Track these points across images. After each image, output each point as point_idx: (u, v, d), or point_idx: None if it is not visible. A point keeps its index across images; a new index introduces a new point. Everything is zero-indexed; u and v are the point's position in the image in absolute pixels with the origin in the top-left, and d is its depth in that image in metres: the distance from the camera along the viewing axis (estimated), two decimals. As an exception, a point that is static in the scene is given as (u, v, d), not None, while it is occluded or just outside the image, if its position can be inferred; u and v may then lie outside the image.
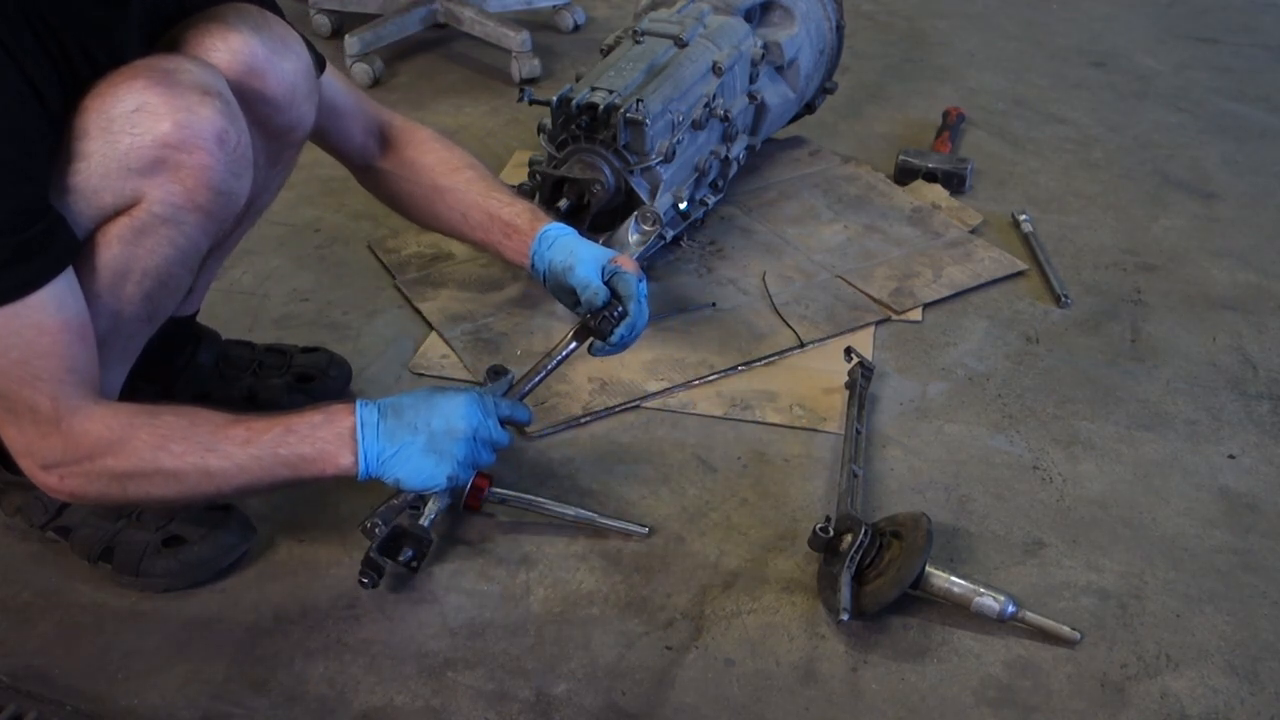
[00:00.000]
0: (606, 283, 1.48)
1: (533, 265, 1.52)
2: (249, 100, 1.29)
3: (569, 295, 1.51)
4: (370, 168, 1.60)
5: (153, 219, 1.20)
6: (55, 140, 1.15)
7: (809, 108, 2.47)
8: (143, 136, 1.16)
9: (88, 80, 1.18)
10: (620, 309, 1.45)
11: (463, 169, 1.57)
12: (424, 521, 1.41)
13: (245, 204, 1.31)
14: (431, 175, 1.57)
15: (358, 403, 1.27)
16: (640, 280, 1.49)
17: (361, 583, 1.36)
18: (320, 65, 1.47)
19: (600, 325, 1.44)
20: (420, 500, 1.43)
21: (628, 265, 1.50)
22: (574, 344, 1.47)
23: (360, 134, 1.57)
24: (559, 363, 1.48)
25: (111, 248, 1.21)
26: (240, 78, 1.29)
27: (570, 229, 1.54)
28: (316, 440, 1.24)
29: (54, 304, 1.14)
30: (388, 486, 1.30)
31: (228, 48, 1.29)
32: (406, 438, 1.27)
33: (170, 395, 1.60)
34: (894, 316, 1.95)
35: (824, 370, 1.80)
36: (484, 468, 1.38)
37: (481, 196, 1.55)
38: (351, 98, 1.55)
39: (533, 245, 1.52)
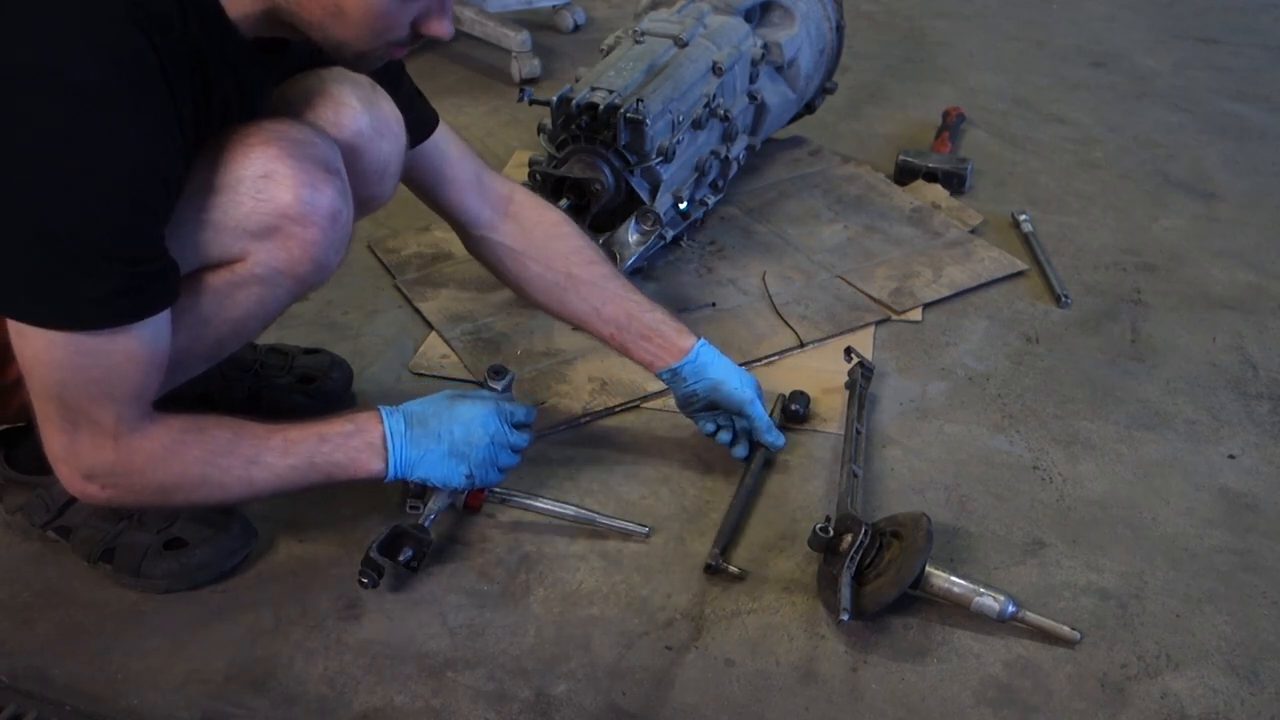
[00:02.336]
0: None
1: (677, 374, 1.54)
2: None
3: (708, 412, 1.58)
4: (485, 238, 1.58)
5: (251, 278, 1.24)
6: (184, 184, 1.18)
7: (809, 108, 2.47)
8: (266, 203, 1.20)
9: (218, 127, 1.21)
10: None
11: (599, 262, 1.57)
12: (424, 521, 1.41)
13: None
14: (566, 263, 1.55)
15: (383, 411, 1.34)
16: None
17: (361, 583, 1.37)
18: (433, 123, 1.50)
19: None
20: (420, 500, 1.44)
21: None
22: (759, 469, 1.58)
23: (474, 201, 1.55)
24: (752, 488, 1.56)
25: (205, 295, 1.24)
26: (341, 149, 1.31)
27: (710, 346, 1.56)
28: (349, 449, 1.31)
29: (149, 336, 1.16)
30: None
31: (335, 121, 1.33)
32: (431, 445, 1.34)
33: (170, 395, 1.60)
34: (894, 316, 1.95)
35: (824, 370, 1.80)
36: (506, 468, 1.42)
37: (620, 294, 1.55)
38: (467, 163, 1.54)
39: (686, 359, 1.54)
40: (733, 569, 1.43)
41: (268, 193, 1.20)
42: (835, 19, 2.37)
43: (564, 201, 1.90)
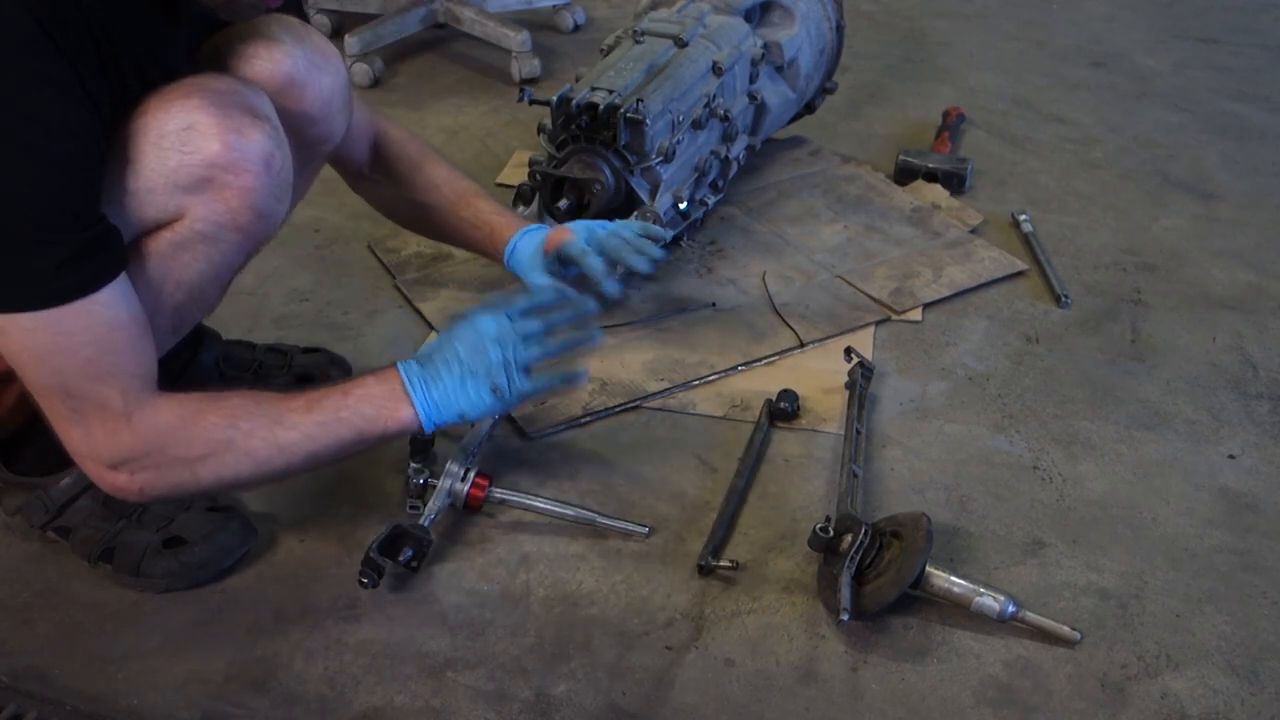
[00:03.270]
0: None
1: (512, 254, 1.70)
2: (285, 112, 1.31)
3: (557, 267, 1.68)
4: (363, 176, 1.65)
5: (193, 235, 1.22)
6: (107, 150, 1.16)
7: (809, 108, 2.47)
8: (192, 155, 1.18)
9: (137, 94, 1.20)
10: None
11: (443, 186, 1.66)
12: (424, 521, 1.41)
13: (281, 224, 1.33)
14: (417, 193, 1.64)
15: (399, 363, 1.31)
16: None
17: (361, 583, 1.36)
18: None
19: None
20: (420, 500, 1.44)
21: (565, 234, 1.68)
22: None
23: (364, 148, 1.61)
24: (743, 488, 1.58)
25: (149, 260, 1.22)
26: (279, 89, 1.31)
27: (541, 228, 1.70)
28: (374, 399, 1.28)
29: (121, 299, 1.15)
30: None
31: (270, 58, 1.31)
32: (444, 374, 1.30)
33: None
34: (894, 316, 1.95)
35: (824, 370, 1.80)
36: (534, 362, 1.35)
37: (464, 214, 1.67)
38: (362, 114, 1.58)
39: (514, 237, 1.70)
40: (725, 563, 1.43)
41: (193, 144, 1.18)
42: (835, 19, 2.37)
43: (564, 201, 1.90)
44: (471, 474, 1.46)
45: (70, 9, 1.10)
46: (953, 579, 1.36)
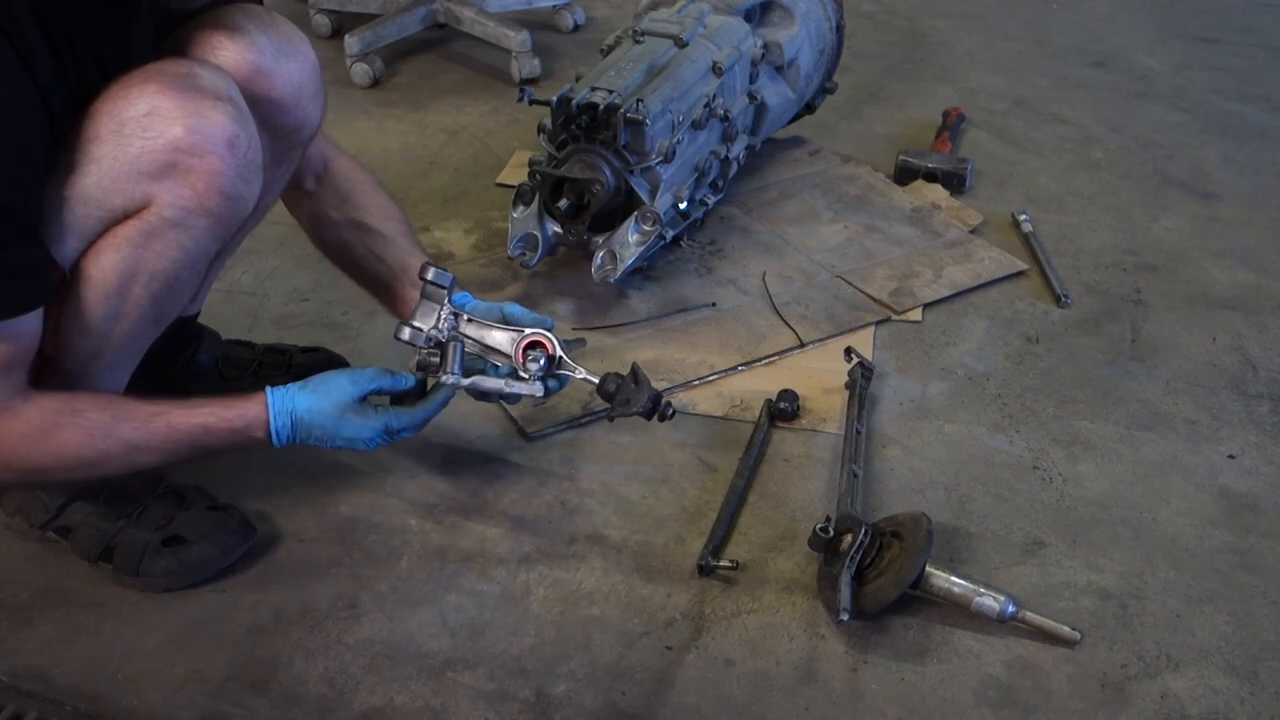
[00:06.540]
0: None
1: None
2: (255, 101, 1.30)
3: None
4: (298, 189, 1.58)
5: (162, 222, 1.21)
6: (56, 153, 1.16)
7: (809, 108, 2.47)
8: (154, 140, 1.17)
9: (98, 84, 1.19)
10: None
11: (393, 219, 1.57)
12: (579, 376, 1.45)
13: (253, 208, 1.32)
14: (361, 214, 1.56)
15: (271, 411, 1.33)
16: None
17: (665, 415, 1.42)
18: None
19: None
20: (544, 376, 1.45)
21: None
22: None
23: (314, 168, 1.56)
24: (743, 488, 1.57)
25: (120, 250, 1.22)
26: (247, 79, 1.29)
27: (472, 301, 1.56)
28: (233, 441, 1.34)
29: (34, 320, 1.18)
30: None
31: (235, 48, 1.30)
32: (311, 444, 1.38)
33: (170, 395, 1.60)
34: (894, 316, 1.95)
35: (824, 370, 1.80)
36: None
37: (402, 246, 1.55)
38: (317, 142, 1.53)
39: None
40: (725, 563, 1.43)
41: (154, 130, 1.17)
42: (835, 19, 2.37)
43: (564, 201, 1.90)
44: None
45: (20, 4, 1.09)
46: (953, 579, 1.36)
